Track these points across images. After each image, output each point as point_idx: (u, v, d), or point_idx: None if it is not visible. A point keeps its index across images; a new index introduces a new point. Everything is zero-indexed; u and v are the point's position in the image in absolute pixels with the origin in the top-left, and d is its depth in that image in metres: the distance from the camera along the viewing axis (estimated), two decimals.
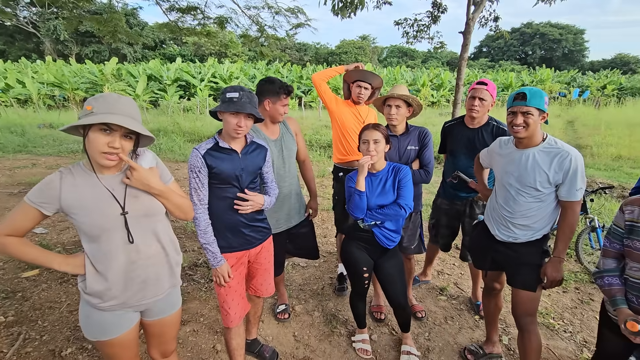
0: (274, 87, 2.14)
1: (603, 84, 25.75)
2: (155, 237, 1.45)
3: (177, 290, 1.62)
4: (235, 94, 1.68)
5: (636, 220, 1.53)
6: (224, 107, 1.68)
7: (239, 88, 1.70)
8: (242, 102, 1.69)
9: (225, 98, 1.69)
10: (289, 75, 22.74)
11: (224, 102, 1.69)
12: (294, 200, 2.41)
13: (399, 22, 7.22)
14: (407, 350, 2.35)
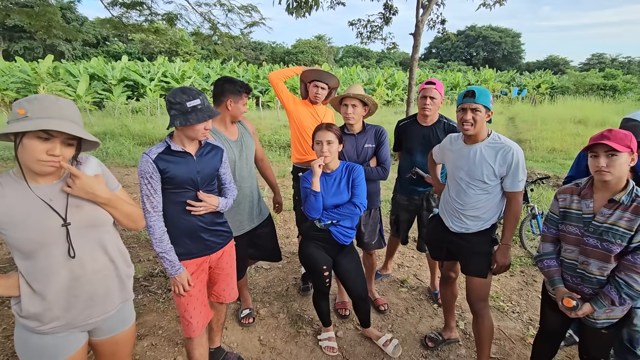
0: (235, 86, 2.10)
1: (538, 83, 28.25)
2: (102, 250, 1.35)
3: (129, 305, 1.52)
4: (197, 101, 1.61)
5: (568, 206, 1.69)
6: (194, 118, 1.60)
7: (195, 92, 1.64)
8: (206, 106, 1.65)
9: (187, 108, 1.61)
10: (245, 74, 22.25)
11: (187, 113, 1.61)
12: (255, 201, 2.38)
13: (353, 22, 7.37)
14: (384, 340, 2.41)
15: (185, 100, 1.60)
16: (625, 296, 1.51)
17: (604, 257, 1.55)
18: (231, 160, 2.18)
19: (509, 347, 2.52)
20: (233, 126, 2.26)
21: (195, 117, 1.60)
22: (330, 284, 2.29)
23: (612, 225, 1.52)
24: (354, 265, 2.28)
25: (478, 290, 2.07)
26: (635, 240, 1.49)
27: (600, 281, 1.59)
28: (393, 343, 2.40)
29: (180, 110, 1.61)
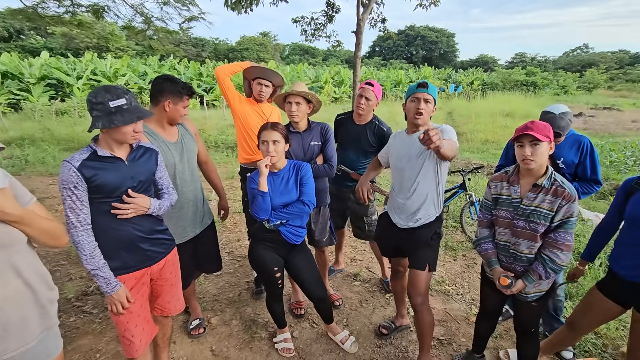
0: (176, 87, 1.96)
1: (471, 80, 30.59)
2: (15, 272, 1.17)
3: (54, 333, 1.34)
4: (121, 101, 1.47)
5: (499, 193, 1.83)
6: (120, 119, 1.45)
7: (121, 91, 1.49)
8: (134, 107, 1.51)
9: (110, 108, 1.45)
10: (186, 72, 21.08)
11: (111, 114, 1.45)
12: (199, 205, 2.25)
13: (297, 20, 7.33)
14: (343, 336, 2.43)
15: (108, 99, 1.45)
16: (550, 270, 1.67)
17: (532, 236, 1.70)
18: (170, 163, 2.03)
19: (455, 327, 2.68)
20: (172, 128, 2.11)
21: (120, 119, 1.45)
22: (283, 285, 2.24)
23: (536, 208, 1.67)
24: (307, 263, 2.25)
25: (418, 284, 2.05)
26: (556, 219, 1.65)
27: (529, 259, 1.74)
28: (351, 339, 2.43)
29: (103, 110, 1.45)
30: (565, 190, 1.63)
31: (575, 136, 2.23)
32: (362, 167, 2.71)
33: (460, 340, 2.55)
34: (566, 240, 1.65)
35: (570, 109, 2.24)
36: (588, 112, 17.74)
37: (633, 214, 1.67)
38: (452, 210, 4.80)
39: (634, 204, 1.68)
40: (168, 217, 2.05)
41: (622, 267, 1.73)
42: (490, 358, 2.36)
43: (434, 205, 2.05)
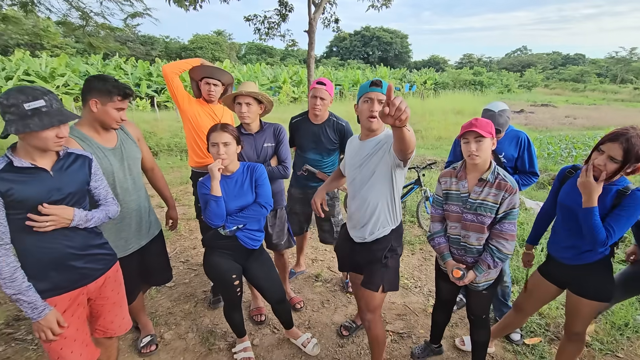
0: (106, 85, 1.76)
1: (424, 80, 31.92)
2: None
3: None
4: (39, 102, 1.31)
5: (449, 188, 1.89)
6: (37, 124, 1.29)
7: (40, 92, 1.34)
8: (55, 109, 1.35)
9: (25, 111, 1.29)
10: (134, 72, 19.84)
11: (27, 117, 1.29)
12: (144, 215, 2.09)
13: (249, 18, 7.16)
14: (304, 339, 2.39)
15: (22, 101, 1.29)
16: (497, 260, 1.76)
17: (479, 228, 1.77)
18: (108, 171, 1.86)
19: (414, 320, 2.75)
20: (109, 132, 1.92)
21: (37, 123, 1.30)
22: (241, 293, 2.15)
23: (483, 201, 1.74)
24: (265, 269, 2.19)
25: (369, 303, 1.91)
26: (501, 211, 1.73)
27: (478, 250, 1.82)
28: (312, 342, 2.40)
29: (16, 114, 1.29)
30: (508, 183, 1.71)
31: (514, 132, 2.37)
32: (326, 166, 2.70)
33: (419, 332, 2.62)
34: (510, 230, 1.74)
35: (511, 106, 2.39)
36: (528, 109, 19.23)
37: (562, 200, 1.80)
38: (409, 206, 4.95)
39: (564, 191, 1.81)
40: (108, 230, 1.89)
41: (556, 250, 1.87)
42: (447, 346, 2.45)
43: (389, 217, 1.85)
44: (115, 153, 1.92)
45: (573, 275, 1.82)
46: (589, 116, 16.85)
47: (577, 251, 1.77)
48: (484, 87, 29.94)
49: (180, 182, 6.20)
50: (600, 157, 1.58)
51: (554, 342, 2.49)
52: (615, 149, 1.53)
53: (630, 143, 1.50)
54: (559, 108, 20.93)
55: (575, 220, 1.73)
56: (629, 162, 1.53)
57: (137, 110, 13.68)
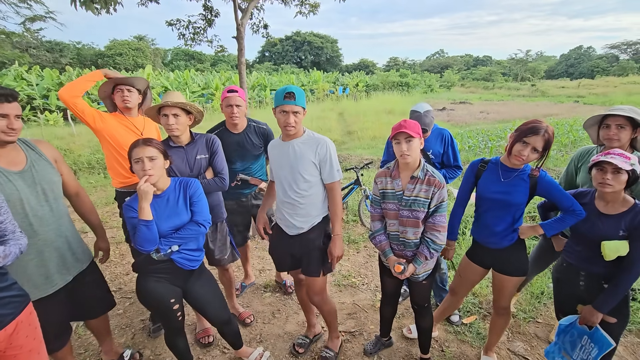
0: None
1: (356, 82, 33.25)
2: None
3: None
4: None
5: (385, 187, 1.98)
6: None
7: None
8: None
9: None
10: (40, 82, 17.47)
11: None
12: (67, 246, 1.83)
13: (172, 23, 6.77)
14: (255, 356, 2.33)
15: None
16: (433, 251, 1.89)
17: (415, 223, 1.89)
18: (15, 198, 1.61)
19: (364, 317, 2.83)
20: (9, 151, 1.65)
21: None
22: (183, 316, 1.99)
23: (416, 197, 1.85)
24: (208, 289, 2.05)
25: (314, 287, 2.16)
26: (432, 205, 1.86)
27: (416, 244, 1.93)
28: (265, 356, 2.34)
29: None
30: (436, 179, 1.85)
31: (438, 129, 2.57)
32: (255, 171, 2.69)
33: (370, 327, 2.70)
34: (442, 222, 1.88)
35: (435, 105, 2.61)
36: (449, 107, 21.12)
37: (483, 193, 1.99)
38: (351, 206, 5.10)
39: (481, 184, 2.00)
40: (22, 267, 1.64)
41: (480, 235, 2.07)
42: (396, 338, 2.56)
43: (319, 206, 2.09)
44: (23, 176, 1.66)
45: (496, 256, 2.03)
46: (499, 111, 19.04)
47: (499, 237, 1.97)
48: (410, 87, 32.20)
49: (106, 203, 5.62)
50: (525, 148, 1.76)
51: (486, 317, 2.75)
52: (538, 141, 1.73)
53: (549, 135, 1.73)
54: (474, 105, 23.31)
55: (497, 209, 1.93)
56: (547, 151, 1.76)
57: (47, 125, 12.06)
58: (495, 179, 1.93)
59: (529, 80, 48.62)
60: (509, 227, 1.94)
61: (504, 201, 1.89)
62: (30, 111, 14.90)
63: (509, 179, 1.89)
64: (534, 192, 1.86)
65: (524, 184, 1.85)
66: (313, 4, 7.98)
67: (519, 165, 1.83)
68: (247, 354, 2.33)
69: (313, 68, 42.18)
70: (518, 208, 1.90)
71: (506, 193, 1.88)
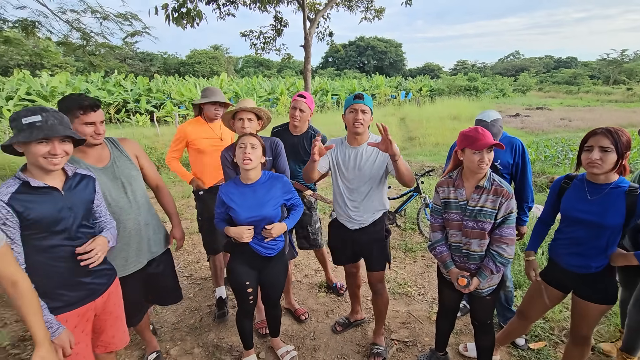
0: (64, 104, 1.74)
1: (420, 87, 32.26)
2: None
3: None
4: (36, 117, 1.35)
5: (447, 197, 1.92)
6: (24, 136, 1.33)
7: (39, 109, 1.38)
8: (49, 125, 1.38)
9: (23, 125, 1.34)
10: (134, 88, 20.04)
11: (21, 131, 1.34)
12: (144, 234, 2.05)
13: (245, 33, 7.30)
14: (284, 351, 2.44)
15: (22, 115, 1.34)
16: (499, 264, 1.79)
17: (481, 235, 1.81)
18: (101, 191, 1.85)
19: (419, 328, 2.76)
20: (97, 150, 1.89)
21: (26, 135, 1.33)
22: (255, 301, 2.17)
23: (482, 208, 1.78)
24: (278, 275, 2.20)
25: (376, 277, 2.35)
26: (499, 216, 1.77)
27: (480, 256, 1.85)
28: (291, 354, 2.43)
29: (17, 127, 1.35)
30: (504, 189, 1.76)
31: (508, 138, 2.42)
32: (301, 175, 2.76)
33: (424, 340, 2.62)
34: (510, 235, 1.78)
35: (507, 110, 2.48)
36: (524, 113, 19.40)
37: (566, 212, 1.82)
38: (409, 213, 4.98)
39: (565, 202, 1.84)
40: (110, 249, 1.91)
41: (558, 255, 1.89)
42: (452, 354, 2.45)
43: (382, 201, 2.24)
44: (106, 172, 1.89)
45: (580, 280, 1.81)
46: (583, 118, 17.01)
47: (586, 261, 1.76)
48: (479, 92, 30.26)
49: (182, 196, 6.23)
50: (592, 152, 1.61)
51: (558, 345, 2.50)
52: (602, 140, 1.58)
53: (611, 131, 1.58)
54: (553, 111, 21.12)
55: (581, 230, 1.75)
56: (621, 149, 1.57)
57: (137, 126, 13.79)
58: (582, 196, 1.75)
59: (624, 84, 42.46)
60: (600, 252, 1.72)
61: (593, 222, 1.69)
62: (125, 113, 17.14)
63: (598, 196, 1.69)
64: (633, 212, 1.62)
65: (619, 203, 1.63)
66: (378, 9, 7.99)
67: (598, 174, 1.65)
68: (278, 347, 2.46)
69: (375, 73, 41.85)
70: (613, 231, 1.67)
71: (596, 214, 1.68)
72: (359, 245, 2.31)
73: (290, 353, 2.42)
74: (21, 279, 1.28)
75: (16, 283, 1.28)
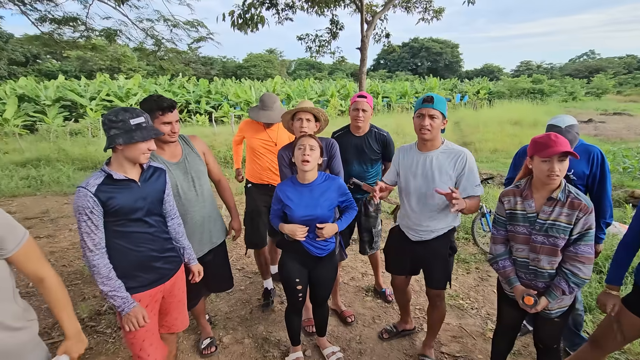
0: (146, 105, 1.95)
1: (477, 89, 30.59)
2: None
3: None
4: (141, 119, 1.54)
5: (513, 208, 1.78)
6: (140, 135, 1.51)
7: (139, 111, 1.56)
8: (151, 125, 1.59)
9: (130, 126, 1.51)
10: (195, 89, 21.58)
11: (131, 131, 1.51)
12: (207, 226, 2.24)
13: (302, 37, 7.49)
14: (330, 352, 2.43)
15: (128, 117, 1.51)
16: (573, 285, 1.62)
17: (552, 251, 1.65)
18: (173, 183, 2.04)
19: (471, 343, 2.61)
20: (172, 147, 2.10)
21: (140, 135, 1.51)
22: (304, 299, 2.22)
23: (554, 222, 1.62)
24: (328, 274, 2.23)
25: (437, 294, 2.25)
26: (575, 232, 1.60)
27: (551, 274, 1.69)
28: (337, 355, 2.41)
29: (123, 128, 1.50)
30: (582, 202, 1.59)
31: (584, 146, 2.19)
32: (370, 176, 2.75)
33: (477, 357, 2.48)
34: (587, 253, 1.61)
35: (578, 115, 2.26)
36: (598, 118, 17.48)
37: None
38: (463, 222, 4.73)
39: None
40: None
41: None
42: None
43: (450, 219, 2.09)
44: (179, 166, 2.10)
45: None
46: None
47: None
48: (545, 95, 27.86)
49: (236, 193, 6.55)
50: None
51: None
52: None
53: None
54: (635, 116, 18.76)
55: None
56: None
57: (197, 125, 14.79)
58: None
59: None
60: None
61: None
62: (186, 113, 18.50)
63: None
64: None
65: None
66: (437, 9, 7.72)
67: None
68: (324, 346, 2.47)
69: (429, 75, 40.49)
70: None
71: None
72: (419, 259, 2.22)
73: (336, 354, 2.42)
74: (48, 276, 1.32)
75: (43, 280, 1.31)
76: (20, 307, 1.24)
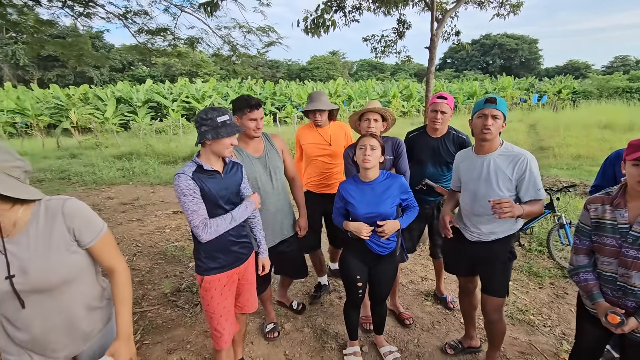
0: (237, 103, 2.18)
1: (558, 89, 27.55)
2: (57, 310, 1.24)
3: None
4: (226, 117, 1.74)
5: (601, 217, 1.62)
6: (225, 131, 1.71)
7: (224, 110, 1.76)
8: (233, 122, 1.77)
9: (217, 123, 1.72)
10: (262, 91, 22.86)
11: (218, 127, 1.71)
12: (279, 218, 2.42)
13: (367, 38, 7.50)
14: (387, 350, 2.45)
15: (216, 115, 1.71)
16: None
17: None
18: (252, 176, 2.24)
19: None
20: (256, 142, 2.32)
21: (225, 131, 1.70)
22: (363, 295, 2.28)
23: None
24: (388, 273, 2.25)
25: (495, 303, 2.12)
26: None
27: None
28: (394, 355, 2.40)
29: (211, 125, 1.71)
30: None
31: None
32: (445, 180, 2.69)
33: None
34: None
35: None
36: None
37: None
38: (537, 233, 4.36)
39: None
40: None
41: None
42: None
43: (509, 223, 2.03)
44: (260, 160, 2.31)
45: None
46: None
47: None
48: None
49: None
50: None
51: None
52: None
53: None
54: None
55: None
56: None
57: None
58: None
59: None
60: None
61: None
62: None
63: None
64: None
65: None
66: (515, 3, 7.15)
67: None
68: (381, 345, 2.49)
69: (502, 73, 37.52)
70: None
71: None
72: (476, 261, 2.16)
73: (393, 354, 2.44)
74: (119, 269, 1.36)
75: (113, 272, 1.36)
76: (101, 287, 1.44)
